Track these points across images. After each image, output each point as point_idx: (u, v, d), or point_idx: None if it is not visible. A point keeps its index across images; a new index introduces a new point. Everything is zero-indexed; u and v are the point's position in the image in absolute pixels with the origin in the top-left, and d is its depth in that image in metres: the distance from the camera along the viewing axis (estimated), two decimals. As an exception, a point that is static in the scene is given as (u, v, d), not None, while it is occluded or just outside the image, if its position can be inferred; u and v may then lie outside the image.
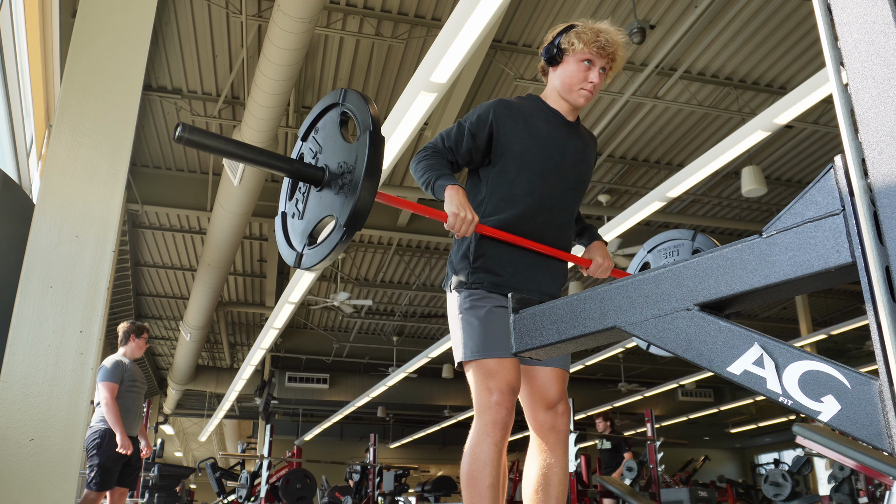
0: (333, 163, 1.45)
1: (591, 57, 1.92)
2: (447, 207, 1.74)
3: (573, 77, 1.94)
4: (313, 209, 1.49)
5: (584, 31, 1.93)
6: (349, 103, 1.48)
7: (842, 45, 0.79)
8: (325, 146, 1.52)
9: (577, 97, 1.95)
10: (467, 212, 1.72)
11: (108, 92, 2.71)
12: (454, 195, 1.75)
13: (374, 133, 1.36)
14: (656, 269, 1.01)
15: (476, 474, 1.80)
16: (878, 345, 0.72)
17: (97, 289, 2.48)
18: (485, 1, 3.41)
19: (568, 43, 1.94)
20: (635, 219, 6.87)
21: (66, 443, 2.31)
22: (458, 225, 1.72)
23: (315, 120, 1.59)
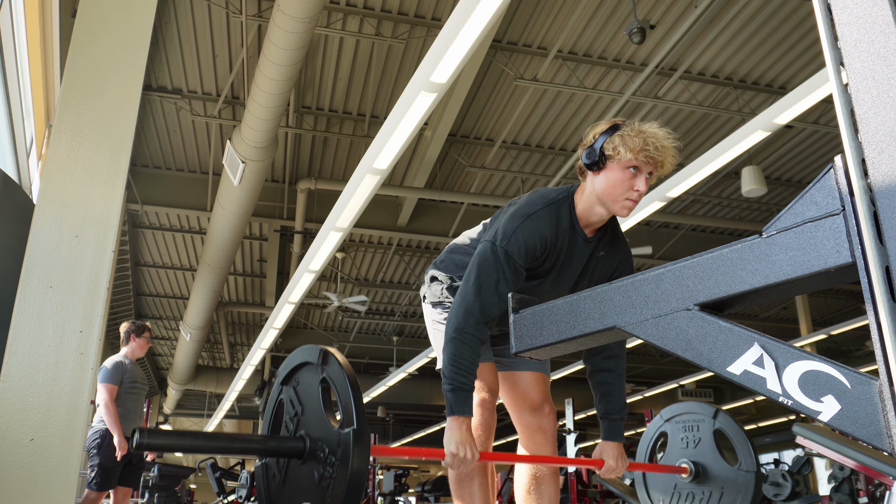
0: (316, 439, 1.41)
1: (638, 164, 1.70)
2: (447, 445, 1.62)
3: (617, 187, 1.72)
4: (294, 485, 1.46)
5: (630, 137, 1.70)
6: (331, 374, 1.42)
7: (842, 45, 0.79)
8: (308, 410, 1.47)
9: (619, 209, 1.75)
10: (467, 451, 1.61)
11: (108, 92, 2.71)
12: (457, 430, 1.62)
13: (358, 431, 1.32)
14: (656, 269, 1.01)
15: (464, 476, 1.83)
16: (878, 345, 0.72)
17: (97, 289, 2.48)
18: (485, 1, 3.41)
19: (613, 150, 1.71)
20: (635, 219, 6.87)
21: (66, 443, 2.31)
22: (457, 465, 1.63)
23: (295, 369, 1.55)
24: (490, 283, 1.69)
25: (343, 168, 8.17)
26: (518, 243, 1.71)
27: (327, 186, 7.82)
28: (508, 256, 1.70)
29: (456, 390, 1.63)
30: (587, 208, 1.80)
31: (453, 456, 1.60)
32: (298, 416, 1.48)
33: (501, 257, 1.70)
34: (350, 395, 1.35)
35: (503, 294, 1.68)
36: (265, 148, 6.20)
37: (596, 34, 6.17)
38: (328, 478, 1.35)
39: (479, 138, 7.76)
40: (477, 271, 1.71)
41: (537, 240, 1.73)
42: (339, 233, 6.04)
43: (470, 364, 1.65)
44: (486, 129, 7.59)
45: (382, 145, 4.65)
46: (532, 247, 1.73)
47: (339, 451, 1.34)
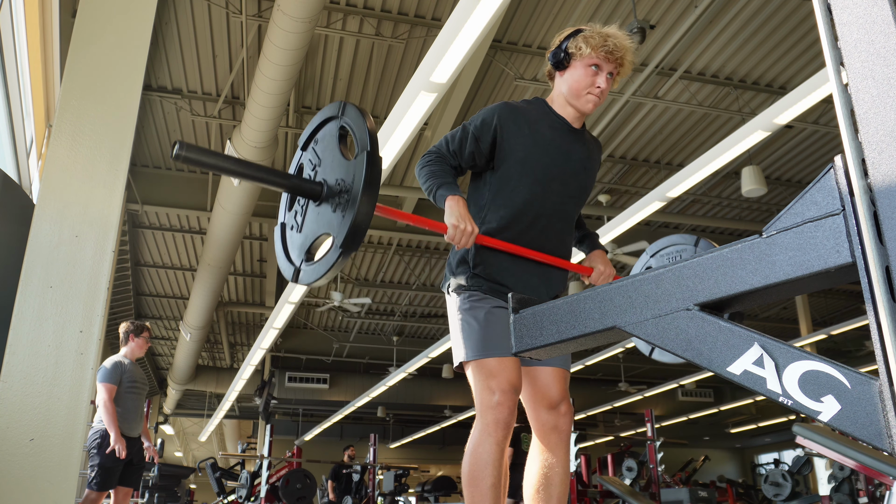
0: (332, 178, 1.46)
1: (599, 62, 1.88)
2: (447, 219, 1.74)
3: (580, 82, 1.90)
4: (311, 224, 1.49)
5: (591, 35, 1.88)
6: (348, 118, 1.48)
7: (842, 45, 0.79)
8: (325, 160, 1.52)
9: (584, 103, 1.92)
10: (467, 223, 1.72)
11: (108, 92, 2.71)
12: (454, 206, 1.75)
13: (371, 153, 1.37)
14: (656, 269, 1.01)
15: (478, 474, 1.80)
16: (878, 345, 0.72)
17: (97, 289, 2.48)
18: (485, 1, 3.41)
19: (575, 47, 1.89)
20: (635, 219, 6.87)
21: (66, 443, 2.31)
22: (458, 237, 1.72)
23: (315, 130, 1.59)
24: (448, 136, 1.93)
25: (343, 168, 8.16)
26: (475, 119, 1.93)
27: (327, 186, 7.81)
28: (462, 127, 1.93)
29: (442, 185, 1.81)
30: (559, 108, 1.99)
31: (454, 227, 1.72)
32: (316, 168, 1.53)
33: (461, 128, 1.93)
34: (366, 129, 1.40)
35: (456, 148, 1.91)
36: (265, 148, 6.21)
37: (596, 34, 6.16)
38: (344, 201, 1.38)
39: (479, 138, 7.75)
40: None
41: (493, 113, 1.91)
42: (339, 233, 6.03)
43: (441, 171, 1.86)
44: (486, 129, 7.58)
45: (382, 145, 4.65)
46: (490, 119, 1.90)
47: (353, 172, 1.38)
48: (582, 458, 6.44)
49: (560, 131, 1.97)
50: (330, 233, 1.40)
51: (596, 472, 7.11)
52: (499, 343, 1.82)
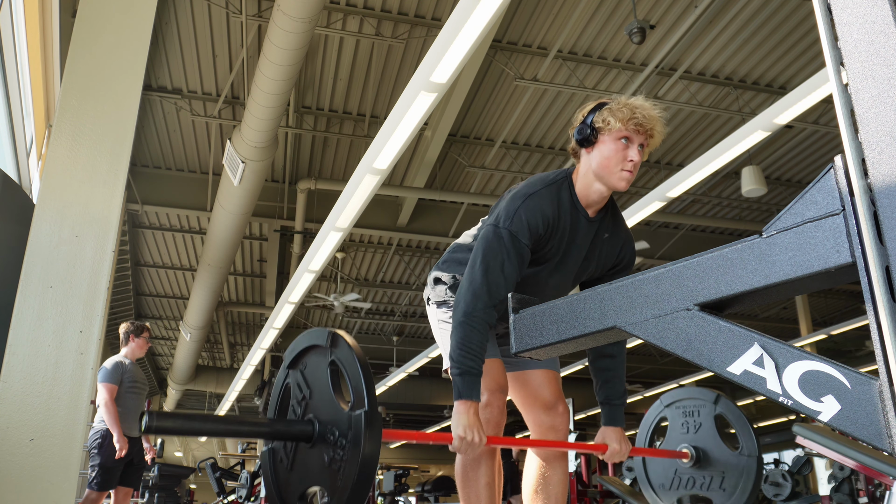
0: (324, 419, 1.40)
1: (629, 134, 1.74)
2: (454, 427, 1.61)
3: (611, 158, 1.74)
4: (303, 469, 1.44)
5: (618, 108, 1.76)
6: (341, 356, 1.41)
7: (842, 45, 0.79)
8: (316, 395, 1.45)
9: (617, 180, 1.75)
10: (475, 435, 1.60)
11: (108, 92, 2.71)
12: (465, 414, 1.61)
13: (369, 413, 1.30)
14: (656, 269, 1.01)
15: (472, 474, 1.81)
16: (878, 345, 0.72)
17: (97, 289, 2.48)
18: (485, 1, 3.41)
19: (603, 122, 1.75)
20: (635, 219, 6.87)
21: (66, 443, 2.31)
22: (464, 449, 1.62)
23: (303, 352, 1.53)
24: (496, 264, 1.68)
25: (343, 168, 8.17)
26: (521, 222, 1.71)
27: (327, 186, 7.82)
28: (513, 236, 1.70)
29: (464, 374, 1.62)
30: (586, 186, 1.80)
31: (461, 440, 1.59)
32: (306, 400, 1.47)
33: (506, 238, 1.69)
34: (360, 376, 1.33)
35: (510, 275, 1.68)
36: (265, 148, 6.20)
37: (596, 34, 6.17)
38: (339, 461, 1.33)
39: (479, 138, 7.76)
40: (483, 254, 1.70)
41: (539, 218, 1.73)
42: (339, 233, 6.04)
43: (478, 348, 1.64)
44: (486, 129, 7.59)
45: (382, 145, 4.65)
46: (535, 225, 1.72)
47: (349, 433, 1.32)
48: (582, 458, 6.43)
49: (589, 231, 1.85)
50: (325, 489, 1.35)
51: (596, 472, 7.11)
52: None
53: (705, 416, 2.29)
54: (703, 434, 2.30)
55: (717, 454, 2.25)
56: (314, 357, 1.49)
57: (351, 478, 1.28)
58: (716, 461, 2.24)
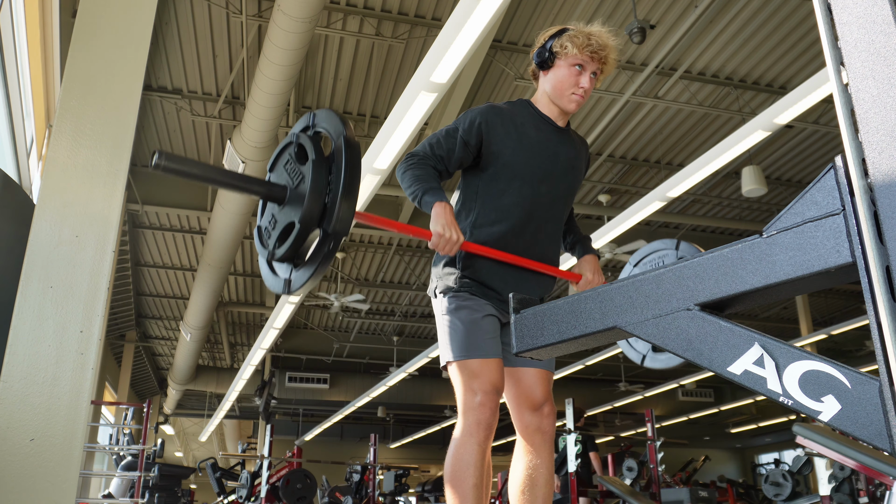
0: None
1: (583, 61, 1.90)
2: (433, 226, 1.72)
3: (564, 82, 1.92)
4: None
5: (576, 34, 1.89)
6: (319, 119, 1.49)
7: (842, 45, 0.79)
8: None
9: (567, 102, 1.93)
10: (452, 232, 1.71)
11: (108, 92, 2.71)
12: (441, 213, 1.73)
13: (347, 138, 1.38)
14: (657, 269, 1.01)
15: (460, 474, 1.80)
16: (878, 345, 0.72)
17: (97, 289, 2.48)
18: (485, 1, 3.41)
19: (560, 47, 1.90)
20: (635, 219, 6.87)
21: (67, 443, 2.31)
22: (443, 245, 1.72)
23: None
24: (430, 142, 1.90)
25: (343, 168, 8.16)
26: (463, 121, 1.91)
27: (327, 186, 7.81)
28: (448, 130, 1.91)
29: (427, 191, 1.78)
30: (544, 105, 1.99)
31: (440, 236, 1.70)
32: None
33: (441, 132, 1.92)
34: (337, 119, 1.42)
35: (441, 151, 1.88)
36: (265, 148, 6.21)
37: (596, 34, 6.16)
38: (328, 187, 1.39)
39: (479, 138, 7.75)
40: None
41: (484, 115, 1.90)
42: (340, 233, 6.03)
43: (427, 176, 1.82)
44: (486, 129, 7.58)
45: (382, 145, 4.65)
46: (477, 120, 1.89)
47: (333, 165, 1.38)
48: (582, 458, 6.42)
49: (546, 132, 1.97)
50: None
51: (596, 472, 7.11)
52: (483, 344, 1.83)
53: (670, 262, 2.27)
54: None
55: None
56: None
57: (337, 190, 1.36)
58: None
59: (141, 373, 15.77)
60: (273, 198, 1.47)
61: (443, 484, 1.91)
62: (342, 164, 1.36)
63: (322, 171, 1.38)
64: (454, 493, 1.81)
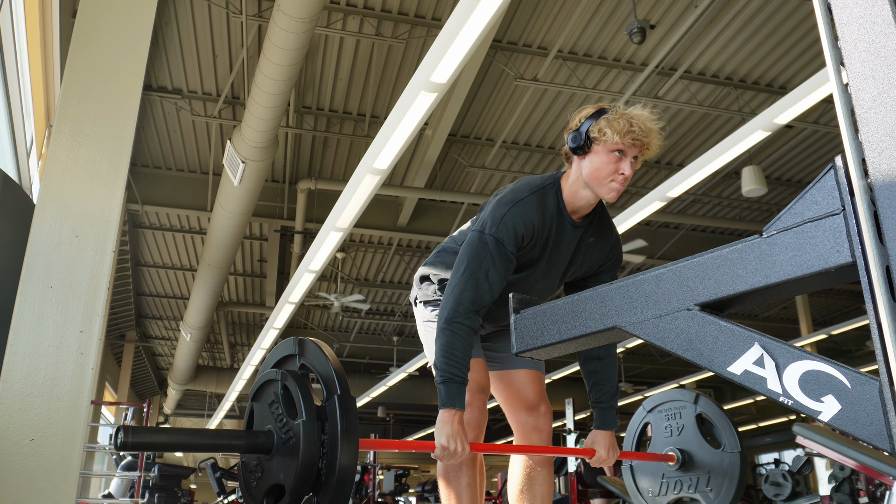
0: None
1: (624, 147, 1.73)
2: (437, 436, 1.60)
3: (603, 170, 1.73)
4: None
5: (615, 119, 1.74)
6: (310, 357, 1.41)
7: (842, 45, 0.79)
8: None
9: (607, 192, 1.75)
10: (458, 444, 1.58)
11: (108, 92, 2.71)
12: (448, 422, 1.59)
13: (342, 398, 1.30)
14: (656, 269, 1.01)
15: (453, 474, 1.82)
16: (878, 345, 0.72)
17: (97, 289, 2.48)
18: (485, 1, 3.41)
19: (598, 132, 1.74)
20: (635, 219, 6.87)
21: (67, 443, 2.31)
22: (447, 458, 1.60)
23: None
24: (480, 270, 1.67)
25: (343, 168, 8.17)
26: (507, 229, 1.69)
27: (327, 186, 7.82)
28: (498, 243, 1.68)
29: (448, 382, 1.60)
30: (573, 193, 1.79)
31: (444, 449, 1.58)
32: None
33: (491, 244, 1.68)
34: (329, 364, 1.34)
35: (494, 282, 1.67)
36: (265, 148, 6.20)
37: (596, 34, 6.17)
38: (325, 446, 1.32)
39: (479, 138, 7.76)
40: (467, 260, 1.68)
41: (524, 225, 1.72)
42: (340, 233, 6.04)
43: (462, 355, 1.62)
44: (487, 129, 7.59)
45: (382, 145, 4.65)
46: (520, 232, 1.71)
47: (326, 423, 1.31)
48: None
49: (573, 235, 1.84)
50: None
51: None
52: None
53: (687, 417, 2.30)
54: (686, 436, 2.32)
55: (701, 455, 2.26)
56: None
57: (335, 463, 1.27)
58: (700, 462, 2.25)
59: (141, 373, 15.76)
60: (259, 450, 1.40)
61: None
62: (337, 425, 1.27)
63: (315, 433, 1.30)
64: (448, 492, 1.82)
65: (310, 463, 1.28)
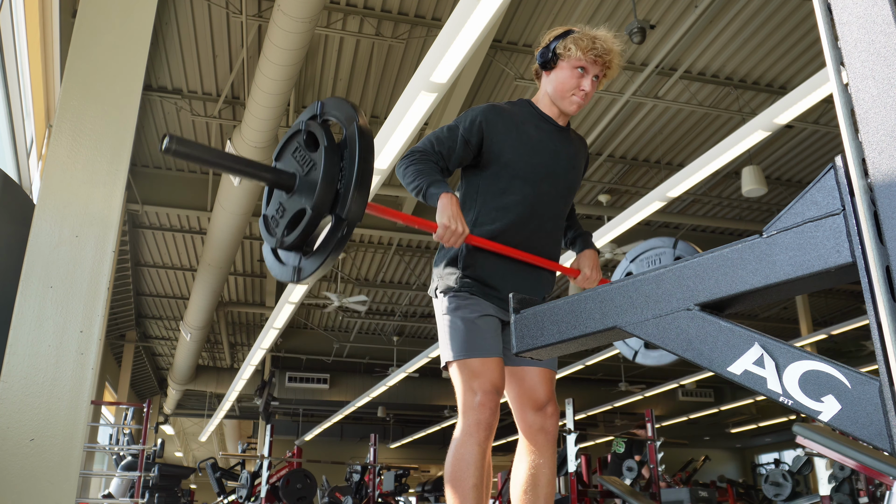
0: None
1: (586, 64, 1.90)
2: (439, 218, 1.72)
3: (566, 84, 1.93)
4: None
5: (580, 37, 1.89)
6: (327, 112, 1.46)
7: (842, 44, 0.79)
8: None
9: (568, 104, 1.94)
10: (458, 223, 1.71)
11: (108, 92, 2.71)
12: (447, 205, 1.72)
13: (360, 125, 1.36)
14: (656, 269, 1.01)
15: (460, 474, 1.80)
16: (878, 345, 0.72)
17: (97, 289, 2.48)
18: (485, 1, 3.41)
19: (564, 48, 1.91)
20: (635, 219, 6.87)
21: (67, 443, 2.31)
22: (448, 237, 1.71)
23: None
24: (431, 138, 1.89)
25: (343, 168, 8.16)
26: (464, 119, 1.90)
27: (327, 186, 7.81)
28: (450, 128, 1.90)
29: (432, 183, 1.77)
30: (545, 106, 2.00)
31: (445, 228, 1.70)
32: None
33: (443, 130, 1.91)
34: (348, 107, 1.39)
35: (442, 148, 1.87)
36: (265, 148, 6.21)
37: (596, 34, 6.16)
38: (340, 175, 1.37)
39: (479, 138, 7.75)
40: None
41: (484, 114, 1.90)
42: (340, 233, 6.03)
43: (430, 171, 1.81)
44: (486, 129, 7.58)
45: (382, 145, 4.65)
46: (478, 119, 1.89)
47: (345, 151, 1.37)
48: (582, 457, 6.43)
49: (547, 131, 1.98)
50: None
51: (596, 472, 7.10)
52: (483, 344, 1.83)
53: (667, 261, 2.28)
54: None
55: None
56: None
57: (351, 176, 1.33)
58: None
59: (141, 373, 15.77)
60: (282, 185, 1.45)
61: (443, 484, 1.91)
62: (356, 150, 1.34)
63: (334, 158, 1.37)
64: (454, 493, 1.81)
65: (329, 183, 1.34)
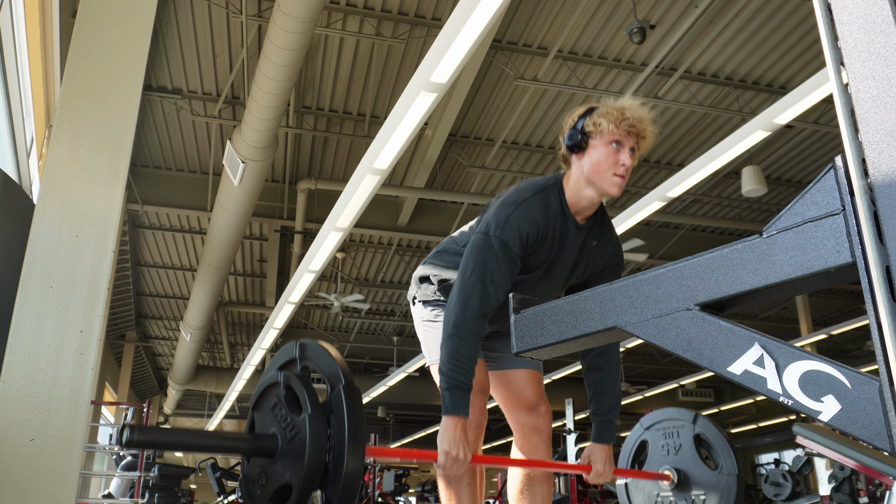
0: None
1: (620, 137, 1.71)
2: (440, 443, 1.58)
3: (603, 162, 1.71)
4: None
5: (608, 110, 1.74)
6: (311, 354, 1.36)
7: (842, 45, 0.79)
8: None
9: (609, 185, 1.71)
10: (460, 450, 1.57)
11: (108, 92, 2.71)
12: (450, 428, 1.57)
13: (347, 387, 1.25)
14: (656, 269, 1.01)
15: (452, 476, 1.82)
16: (878, 345, 0.72)
17: (97, 289, 2.48)
18: (485, 1, 3.40)
19: (593, 125, 1.73)
20: (635, 219, 6.87)
21: (67, 443, 2.31)
22: (450, 465, 1.58)
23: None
24: (487, 274, 1.64)
25: (343, 168, 8.17)
26: (511, 230, 1.67)
27: (327, 186, 7.82)
28: (503, 245, 1.66)
29: (453, 388, 1.58)
30: (576, 193, 1.77)
31: (447, 455, 1.57)
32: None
33: (496, 247, 1.66)
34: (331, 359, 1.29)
35: (500, 285, 1.65)
36: (265, 148, 6.20)
37: (596, 34, 6.17)
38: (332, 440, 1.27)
39: (479, 138, 7.76)
40: (472, 264, 1.66)
41: (528, 226, 1.70)
42: (340, 233, 6.04)
43: (468, 361, 1.60)
44: (487, 129, 7.59)
45: (382, 145, 4.65)
46: (525, 233, 1.69)
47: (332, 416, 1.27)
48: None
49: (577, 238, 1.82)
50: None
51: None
52: None
53: (685, 437, 2.28)
54: (683, 455, 2.29)
55: (697, 475, 2.23)
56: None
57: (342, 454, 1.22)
58: (697, 482, 2.22)
59: (141, 373, 15.76)
60: (263, 453, 1.35)
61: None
62: (344, 418, 1.23)
63: (320, 426, 1.25)
64: (448, 492, 1.83)
65: (317, 457, 1.24)
